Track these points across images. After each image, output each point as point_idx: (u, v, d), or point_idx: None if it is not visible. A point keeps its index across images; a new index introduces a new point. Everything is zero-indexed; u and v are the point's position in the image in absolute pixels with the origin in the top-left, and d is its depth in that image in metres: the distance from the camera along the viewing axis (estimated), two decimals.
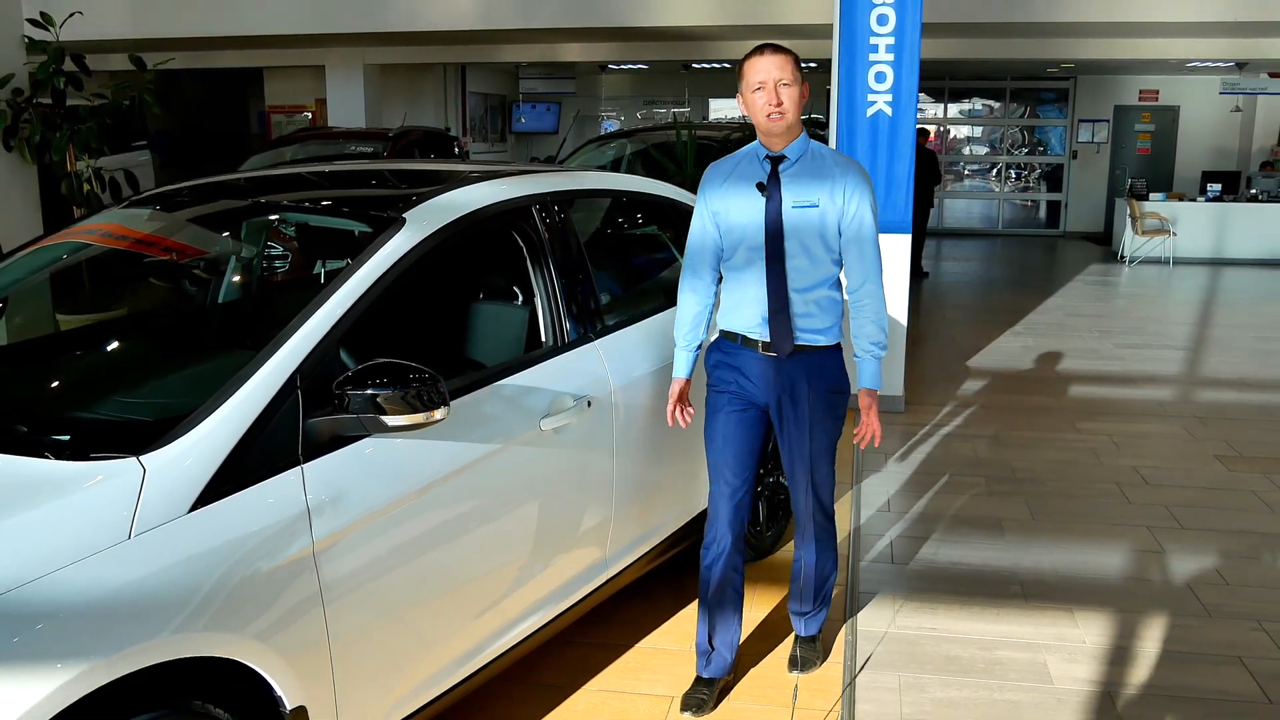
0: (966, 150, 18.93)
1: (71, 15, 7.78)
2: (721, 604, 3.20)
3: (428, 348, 2.63)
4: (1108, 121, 17.61)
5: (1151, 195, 14.45)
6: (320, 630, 2.27)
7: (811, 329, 3.05)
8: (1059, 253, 15.70)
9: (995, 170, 18.85)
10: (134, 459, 2.08)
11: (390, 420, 2.31)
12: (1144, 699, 3.27)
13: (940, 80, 18.00)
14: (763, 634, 3.67)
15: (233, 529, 2.12)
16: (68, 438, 2.21)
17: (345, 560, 2.32)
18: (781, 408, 3.10)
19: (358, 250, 2.64)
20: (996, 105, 18.53)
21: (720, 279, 3.18)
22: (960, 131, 18.91)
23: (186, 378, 2.68)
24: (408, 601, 2.51)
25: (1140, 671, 3.43)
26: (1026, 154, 18.51)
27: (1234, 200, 14.40)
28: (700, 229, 3.14)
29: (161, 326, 3.39)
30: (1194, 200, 14.43)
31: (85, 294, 3.37)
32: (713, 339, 3.21)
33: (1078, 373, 7.68)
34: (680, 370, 3.21)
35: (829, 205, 2.98)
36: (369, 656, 2.41)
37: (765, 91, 2.94)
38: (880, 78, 6.33)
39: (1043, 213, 18.66)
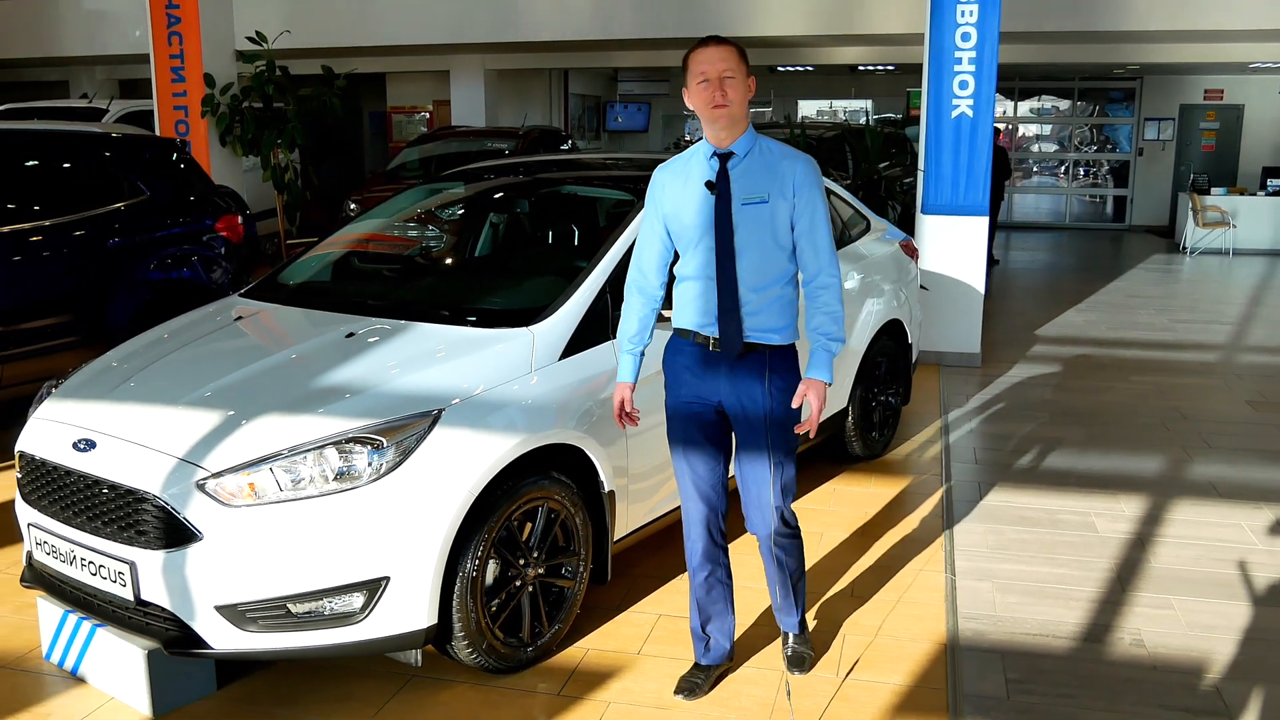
0: (1036, 148, 19.92)
1: (283, 33, 9.31)
2: (709, 598, 3.27)
3: None
4: (1173, 120, 18.47)
5: (1213, 190, 15.35)
6: (624, 445, 3.60)
7: (765, 327, 2.99)
8: (1123, 244, 16.65)
9: (1063, 167, 19.83)
10: (526, 329, 3.45)
11: (664, 314, 3.63)
12: (1164, 541, 4.50)
13: (1010, 80, 19.00)
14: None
15: (581, 372, 3.49)
16: (474, 318, 3.58)
17: (635, 404, 3.64)
18: (735, 409, 3.06)
19: (625, 210, 3.98)
20: (1065, 104, 19.51)
21: (671, 280, 3.16)
22: (1029, 130, 19.91)
23: (526, 287, 4.06)
24: (661, 439, 3.83)
25: (1164, 528, 4.65)
26: (1095, 151, 19.46)
27: None
28: (649, 231, 3.13)
29: (490, 257, 4.81)
30: (1254, 195, 15.31)
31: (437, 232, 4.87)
32: (668, 338, 3.19)
33: (1133, 340, 8.82)
34: (624, 374, 3.18)
35: (779, 199, 2.94)
36: (643, 471, 3.74)
37: (709, 84, 2.89)
38: (963, 85, 7.55)
39: (1109, 207, 19.59)
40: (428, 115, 17.14)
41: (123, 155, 6.34)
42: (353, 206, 10.97)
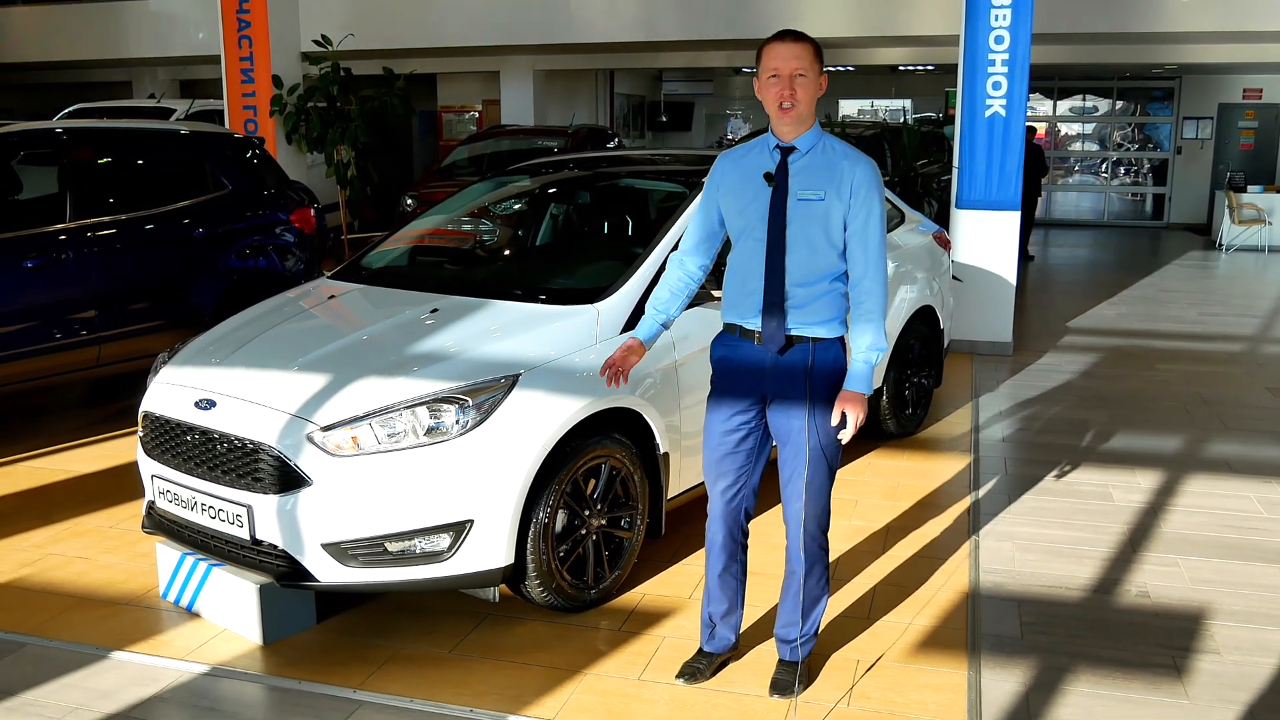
0: (1076, 146, 20.09)
1: (347, 36, 9.82)
2: (722, 589, 3.32)
3: None
4: (1212, 119, 18.56)
5: (1250, 188, 15.48)
6: (678, 411, 4.01)
7: (810, 320, 3.01)
8: (1160, 241, 16.80)
9: (1103, 165, 19.99)
10: (591, 305, 3.87)
11: (715, 293, 4.03)
12: (1175, 509, 4.84)
13: (1050, 80, 19.18)
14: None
15: None
16: (544, 296, 4.00)
17: (689, 375, 4.05)
18: (777, 403, 3.08)
19: (678, 201, 4.38)
20: (1105, 103, 19.66)
21: (713, 266, 3.25)
22: (1070, 129, 20.08)
23: (590, 269, 4.49)
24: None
25: (1176, 498, 4.99)
26: (1138, 150, 19.59)
27: None
28: (703, 214, 3.19)
29: (555, 243, 5.25)
30: None
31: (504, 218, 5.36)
32: (718, 331, 3.24)
33: (1162, 331, 9.10)
34: (640, 331, 3.24)
35: (835, 198, 2.94)
36: (695, 435, 4.14)
37: (779, 81, 2.90)
38: (996, 86, 7.88)
39: (1148, 205, 19.72)
40: (477, 114, 17.63)
41: (207, 151, 6.84)
42: (409, 202, 11.46)
